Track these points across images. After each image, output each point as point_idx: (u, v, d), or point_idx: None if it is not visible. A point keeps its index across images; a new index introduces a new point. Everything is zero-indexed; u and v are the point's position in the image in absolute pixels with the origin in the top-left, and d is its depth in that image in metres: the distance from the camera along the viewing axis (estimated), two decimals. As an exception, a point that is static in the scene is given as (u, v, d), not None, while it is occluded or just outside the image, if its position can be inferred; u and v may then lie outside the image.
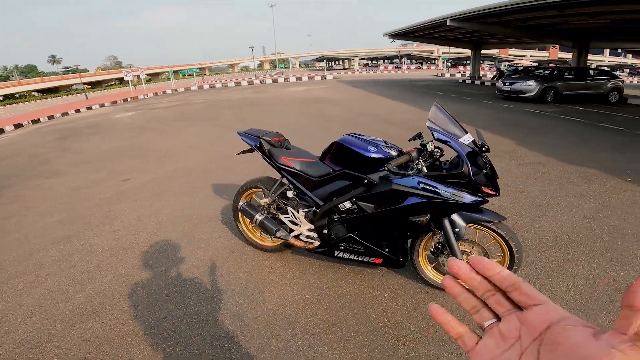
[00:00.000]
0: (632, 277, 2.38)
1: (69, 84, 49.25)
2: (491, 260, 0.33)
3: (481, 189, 1.88)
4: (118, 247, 3.14)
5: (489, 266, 0.33)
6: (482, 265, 0.33)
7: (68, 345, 2.07)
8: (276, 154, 2.55)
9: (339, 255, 2.38)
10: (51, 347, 2.06)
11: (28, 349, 2.06)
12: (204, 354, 1.95)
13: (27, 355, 2.01)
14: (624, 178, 4.23)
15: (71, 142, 8.48)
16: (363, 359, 1.86)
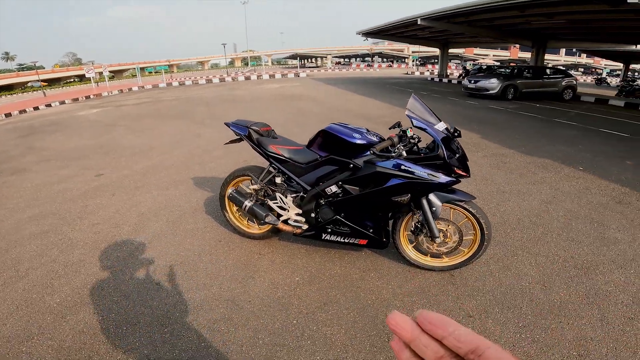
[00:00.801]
0: (586, 254, 2.68)
1: (25, 81, 46.24)
2: (442, 316, 0.27)
3: (454, 170, 2.10)
4: (100, 241, 3.12)
5: (439, 323, 0.26)
6: (429, 322, 0.26)
7: (61, 337, 2.07)
8: (265, 142, 2.66)
9: (326, 238, 2.53)
10: (44, 340, 2.05)
11: (19, 342, 2.03)
12: (202, 337, 2.02)
13: (19, 349, 1.98)
14: (576, 167, 4.68)
15: (34, 140, 8.06)
16: (356, 334, 2.00)
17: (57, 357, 1.92)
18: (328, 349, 1.90)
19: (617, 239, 2.90)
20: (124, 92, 21.14)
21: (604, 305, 2.15)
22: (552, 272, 2.49)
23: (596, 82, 26.45)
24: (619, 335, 1.92)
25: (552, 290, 2.29)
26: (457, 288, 2.34)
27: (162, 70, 29.38)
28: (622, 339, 1.89)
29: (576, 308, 2.13)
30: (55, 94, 26.33)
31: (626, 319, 2.03)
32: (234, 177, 2.92)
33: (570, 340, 1.90)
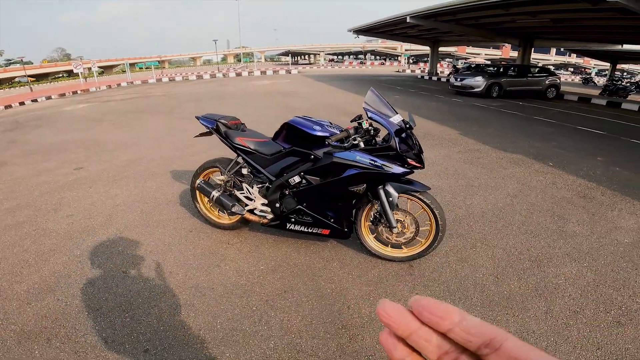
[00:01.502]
0: (542, 247, 2.78)
1: (12, 76, 45.42)
2: (443, 303, 0.23)
3: (407, 161, 2.18)
4: (73, 231, 3.16)
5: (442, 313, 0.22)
6: (429, 311, 0.23)
7: (24, 321, 2.11)
8: (232, 135, 2.72)
9: (291, 228, 2.60)
10: (7, 324, 2.09)
11: None
12: (162, 321, 2.08)
13: None
14: (546, 163, 4.82)
15: (17, 135, 7.99)
16: (313, 320, 2.08)
17: (18, 340, 1.96)
18: (283, 334, 1.97)
19: (575, 232, 3.02)
20: (112, 87, 20.94)
21: (551, 298, 2.21)
22: (506, 264, 2.57)
23: (583, 81, 26.88)
24: (561, 328, 1.97)
25: (504, 282, 2.37)
26: (414, 278, 2.43)
27: (152, 66, 29.09)
28: (563, 333, 1.94)
29: (524, 300, 2.20)
30: (43, 89, 25.97)
31: (571, 312, 2.10)
32: (204, 169, 2.98)
33: (513, 332, 1.95)
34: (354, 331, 1.99)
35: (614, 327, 1.98)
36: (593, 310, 2.12)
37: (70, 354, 1.86)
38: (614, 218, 3.28)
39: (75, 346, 1.91)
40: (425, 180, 4.15)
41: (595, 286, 2.33)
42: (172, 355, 1.84)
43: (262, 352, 1.86)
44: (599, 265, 2.55)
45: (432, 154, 5.25)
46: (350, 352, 1.85)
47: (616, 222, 3.20)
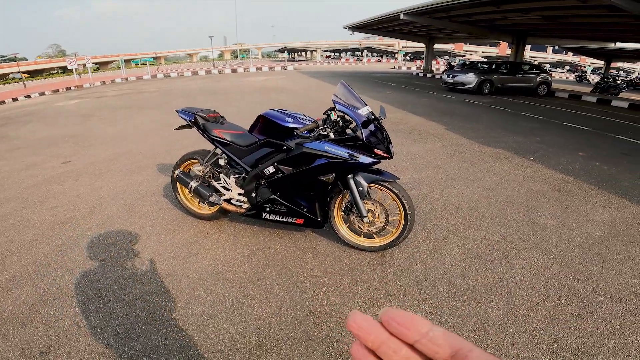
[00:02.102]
0: (512, 239, 2.85)
1: (6, 72, 45.13)
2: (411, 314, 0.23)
3: (374, 151, 2.24)
4: (55, 222, 3.21)
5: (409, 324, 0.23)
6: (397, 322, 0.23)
7: (2, 308, 2.17)
8: (209, 127, 2.78)
9: (266, 217, 2.67)
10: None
11: None
12: (135, 307, 2.14)
13: None
14: (527, 157, 4.90)
15: (7, 130, 8.00)
16: (282, 307, 2.14)
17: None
18: (252, 320, 2.04)
19: (546, 224, 3.09)
20: (106, 83, 20.88)
21: (514, 290, 2.26)
22: (475, 255, 2.64)
23: (577, 79, 27.03)
24: (521, 320, 2.00)
25: (471, 273, 2.43)
26: (384, 268, 2.49)
27: (148, 63, 28.94)
28: (523, 324, 1.97)
29: (488, 291, 2.25)
30: (36, 85, 25.85)
31: (532, 303, 2.14)
32: (184, 160, 3.04)
33: (474, 323, 1.99)
34: (321, 318, 2.05)
35: (573, 320, 2.01)
36: (554, 302, 2.16)
37: (42, 338, 1.92)
38: (587, 211, 3.36)
39: (48, 330, 1.97)
40: (406, 173, 4.23)
41: (559, 278, 2.39)
42: (141, 338, 1.90)
43: (230, 336, 1.93)
44: (566, 258, 2.62)
45: (416, 148, 5.32)
46: (316, 337, 1.92)
47: (589, 215, 3.28)
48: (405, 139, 5.85)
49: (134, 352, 1.83)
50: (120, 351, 1.83)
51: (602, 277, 2.41)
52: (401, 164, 4.55)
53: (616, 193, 3.77)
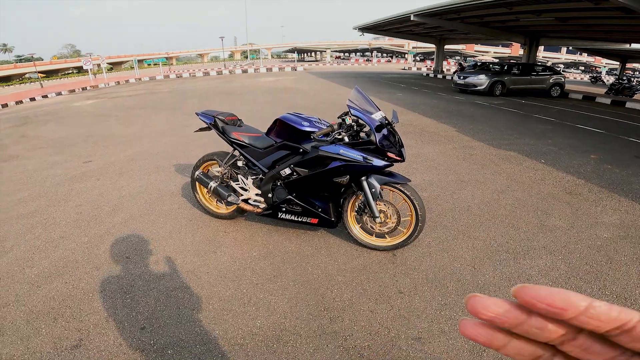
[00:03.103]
0: (522, 240, 2.91)
1: (22, 72, 46.37)
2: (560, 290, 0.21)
3: (387, 154, 2.34)
4: (81, 220, 3.37)
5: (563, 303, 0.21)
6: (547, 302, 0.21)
7: (34, 303, 2.29)
8: (228, 130, 2.91)
9: (282, 217, 2.78)
10: (18, 306, 2.27)
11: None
12: (159, 302, 2.27)
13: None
14: (538, 160, 4.92)
15: (28, 129, 8.29)
16: (298, 302, 2.24)
17: (27, 319, 2.15)
18: (269, 315, 2.14)
19: (555, 226, 3.14)
20: (120, 84, 21.30)
21: None
22: (484, 255, 2.71)
23: (591, 80, 26.58)
24: None
25: (480, 272, 2.50)
26: (396, 266, 2.58)
27: (160, 63, 29.43)
28: None
29: (496, 290, 2.33)
30: (52, 85, 26.48)
31: None
32: (203, 162, 3.17)
33: None
34: (335, 313, 2.15)
35: None
36: (560, 301, 2.24)
37: (73, 332, 2.04)
38: (597, 214, 3.39)
39: (78, 325, 2.09)
40: (417, 174, 4.30)
41: (567, 278, 2.45)
42: (166, 332, 2.02)
43: (249, 330, 2.04)
44: (574, 259, 2.67)
45: (427, 150, 5.38)
46: (330, 332, 2.02)
47: (598, 217, 3.32)
48: (416, 141, 5.91)
49: (159, 345, 1.94)
50: (146, 344, 1.94)
51: (608, 277, 2.46)
52: (412, 166, 4.62)
53: (627, 196, 3.78)
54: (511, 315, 0.22)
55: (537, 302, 0.21)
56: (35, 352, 1.90)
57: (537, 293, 0.21)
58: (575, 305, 0.20)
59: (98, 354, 1.89)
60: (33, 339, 2.00)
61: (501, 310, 0.23)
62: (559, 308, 0.20)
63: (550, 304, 0.21)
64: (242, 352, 1.89)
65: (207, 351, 1.90)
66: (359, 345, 1.92)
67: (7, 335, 2.02)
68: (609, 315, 0.20)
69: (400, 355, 1.85)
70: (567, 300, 0.20)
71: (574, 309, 0.20)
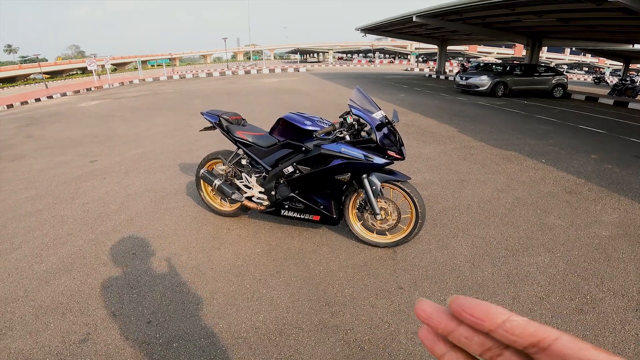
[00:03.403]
0: (520, 237, 2.95)
1: (27, 73, 46.83)
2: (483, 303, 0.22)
3: (387, 152, 2.39)
4: (88, 217, 3.44)
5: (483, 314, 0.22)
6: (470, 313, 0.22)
7: (42, 298, 2.34)
8: (232, 129, 2.97)
9: (285, 214, 2.84)
10: (27, 301, 2.32)
11: (6, 304, 2.30)
12: (165, 297, 2.32)
13: (4, 310, 2.25)
14: (539, 160, 4.95)
15: (34, 130, 8.39)
16: (300, 297, 2.30)
17: (36, 314, 2.20)
18: (272, 310, 2.20)
19: (554, 224, 3.18)
20: (125, 84, 21.46)
21: (520, 285, 2.37)
22: (483, 252, 2.75)
23: (595, 81, 26.51)
24: (525, 314, 2.09)
25: (479, 269, 2.55)
26: (396, 263, 2.63)
27: (164, 64, 29.63)
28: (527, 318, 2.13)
29: (495, 286, 2.36)
30: (57, 86, 26.70)
31: (537, 298, 2.24)
32: (208, 160, 3.24)
33: None
34: (336, 308, 2.20)
35: (576, 314, 2.11)
36: (558, 297, 2.26)
37: (81, 326, 2.09)
38: (596, 212, 3.42)
39: (86, 319, 2.14)
40: (418, 174, 4.35)
41: (565, 275, 2.49)
42: (171, 325, 2.08)
43: (252, 324, 2.09)
44: (572, 256, 2.71)
45: (428, 149, 5.43)
46: (331, 326, 2.07)
47: (598, 216, 3.35)
48: (417, 141, 5.96)
49: (165, 338, 1.99)
50: (152, 338, 2.00)
51: (606, 274, 2.49)
52: (413, 165, 4.67)
53: (626, 195, 3.82)
54: (444, 321, 0.23)
55: (462, 311, 0.22)
56: (44, 346, 1.95)
57: (463, 303, 0.22)
58: (493, 317, 0.21)
59: (105, 347, 1.94)
60: (42, 333, 2.05)
61: (436, 314, 0.24)
62: (479, 319, 0.22)
63: (472, 314, 0.22)
64: (245, 345, 1.94)
65: (211, 344, 1.95)
66: (359, 339, 1.97)
67: (16, 330, 2.07)
68: (525, 330, 0.21)
69: (400, 349, 1.89)
70: (487, 312, 0.22)
71: (492, 321, 0.21)
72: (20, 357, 1.88)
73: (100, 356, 1.88)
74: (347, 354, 1.87)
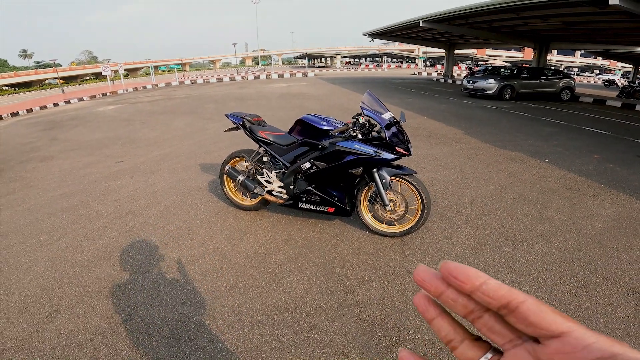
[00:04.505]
0: (521, 229, 3.16)
1: (43, 78, 48.14)
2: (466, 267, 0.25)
3: (395, 149, 2.65)
4: (120, 212, 3.76)
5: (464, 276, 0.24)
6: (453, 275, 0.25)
7: (86, 284, 2.59)
8: (255, 129, 3.28)
9: (302, 207, 3.11)
10: (72, 287, 2.57)
11: (53, 289, 2.53)
12: (196, 281, 2.57)
13: (52, 295, 2.47)
14: (542, 159, 5.16)
15: (57, 133, 8.83)
16: (317, 280, 2.55)
17: (82, 298, 2.46)
18: (292, 290, 2.45)
19: (553, 217, 3.39)
20: (138, 89, 22.09)
21: (519, 271, 2.58)
22: (485, 242, 2.97)
23: (605, 83, 26.38)
24: None
25: (481, 256, 2.78)
26: (404, 250, 2.88)
27: (175, 69, 30.36)
28: None
29: (495, 271, 2.58)
30: (73, 91, 27.53)
31: (534, 282, 2.45)
32: (231, 158, 3.54)
33: None
34: (350, 289, 2.45)
35: (570, 297, 2.31)
36: (554, 282, 2.47)
37: (124, 308, 2.34)
38: (594, 207, 3.62)
39: (128, 302, 2.39)
40: (425, 173, 4.59)
41: (561, 262, 2.70)
42: (203, 305, 2.33)
43: (274, 303, 2.35)
44: (569, 246, 2.92)
45: (434, 150, 5.67)
46: (346, 304, 2.32)
47: (595, 210, 3.55)
48: (425, 143, 6.20)
49: (198, 317, 2.24)
50: (186, 317, 2.24)
51: (600, 262, 2.70)
52: (420, 165, 4.91)
53: (625, 192, 4.00)
54: (435, 284, 0.26)
55: (448, 274, 0.25)
56: (91, 327, 2.16)
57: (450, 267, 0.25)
58: (473, 280, 0.24)
59: (145, 326, 2.18)
60: (89, 315, 2.27)
61: (429, 278, 0.26)
62: (461, 281, 0.24)
63: (456, 277, 0.24)
64: (269, 321, 2.18)
65: (239, 321, 2.18)
66: (372, 315, 2.21)
67: (64, 313, 2.30)
68: (497, 292, 0.23)
69: (409, 324, 2.13)
70: (468, 275, 0.24)
71: (472, 284, 0.24)
72: (70, 338, 2.09)
73: (141, 334, 2.11)
74: (361, 327, 2.12)
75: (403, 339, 2.01)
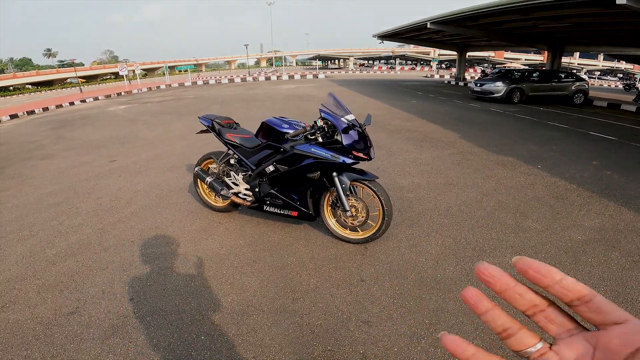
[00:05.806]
0: (492, 239, 3.03)
1: (64, 77, 49.90)
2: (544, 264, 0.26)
3: (353, 153, 2.59)
4: (99, 210, 3.83)
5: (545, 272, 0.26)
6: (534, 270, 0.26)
7: (47, 277, 2.68)
8: (223, 132, 3.28)
9: (267, 209, 3.10)
10: (33, 280, 2.66)
11: (15, 282, 2.64)
12: (150, 279, 2.60)
13: (13, 287, 2.58)
14: (534, 166, 4.97)
15: (64, 132, 9.11)
16: (268, 284, 2.52)
17: (38, 291, 2.53)
18: (241, 293, 2.43)
19: (529, 227, 3.24)
20: (152, 89, 22.60)
21: (477, 284, 2.47)
22: (450, 252, 2.86)
23: (625, 87, 25.36)
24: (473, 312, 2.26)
25: (441, 267, 2.66)
26: (364, 257, 2.80)
27: (189, 70, 30.95)
28: (474, 315, 2.14)
29: (452, 283, 2.47)
30: (91, 90, 28.42)
31: (491, 297, 2.35)
32: (203, 159, 3.56)
33: (430, 310, 2.20)
34: (298, 295, 2.40)
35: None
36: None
37: (73, 301, 2.39)
38: (578, 217, 3.45)
39: (79, 295, 2.45)
40: (408, 177, 4.50)
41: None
42: (149, 303, 2.35)
43: (219, 304, 2.32)
44: (538, 258, 2.78)
45: (424, 155, 5.54)
46: (290, 310, 2.26)
47: (578, 220, 3.38)
48: (415, 146, 6.08)
49: (142, 312, 2.26)
50: (130, 312, 2.27)
51: (570, 275, 2.56)
52: (405, 169, 4.81)
53: (617, 201, 3.80)
54: (504, 281, 0.27)
55: (528, 268, 0.26)
56: (37, 317, 2.25)
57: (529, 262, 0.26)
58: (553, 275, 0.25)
59: (88, 319, 2.23)
60: (39, 307, 2.35)
61: (496, 274, 0.28)
62: (541, 275, 0.26)
63: (537, 271, 0.26)
64: (208, 322, 2.17)
65: (179, 319, 2.19)
66: (312, 324, 2.15)
67: (18, 304, 2.39)
68: (575, 287, 0.25)
69: (347, 335, 2.05)
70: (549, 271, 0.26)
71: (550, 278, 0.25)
72: (16, 327, 2.18)
73: (81, 325, 2.17)
74: (298, 334, 2.07)
75: (337, 350, 1.95)
